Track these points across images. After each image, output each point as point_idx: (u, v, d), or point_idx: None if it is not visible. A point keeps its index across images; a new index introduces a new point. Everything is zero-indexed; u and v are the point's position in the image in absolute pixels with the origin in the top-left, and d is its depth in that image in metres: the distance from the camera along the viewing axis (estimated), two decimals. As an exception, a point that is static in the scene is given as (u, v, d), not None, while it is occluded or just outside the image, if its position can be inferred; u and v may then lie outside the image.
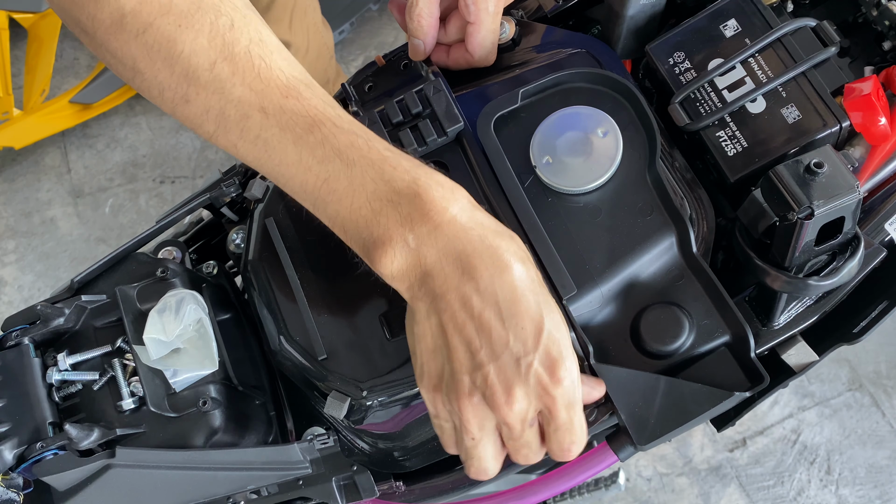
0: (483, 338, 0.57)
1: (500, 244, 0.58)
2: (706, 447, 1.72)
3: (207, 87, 0.60)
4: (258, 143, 0.61)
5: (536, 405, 0.59)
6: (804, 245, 0.63)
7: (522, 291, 0.57)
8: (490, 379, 0.57)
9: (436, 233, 0.58)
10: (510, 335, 0.57)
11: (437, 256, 0.58)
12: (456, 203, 0.59)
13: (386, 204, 0.58)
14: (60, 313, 0.74)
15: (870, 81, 0.69)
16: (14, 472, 0.68)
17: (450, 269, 0.58)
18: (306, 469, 0.74)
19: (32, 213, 2.10)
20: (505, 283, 0.57)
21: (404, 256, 0.58)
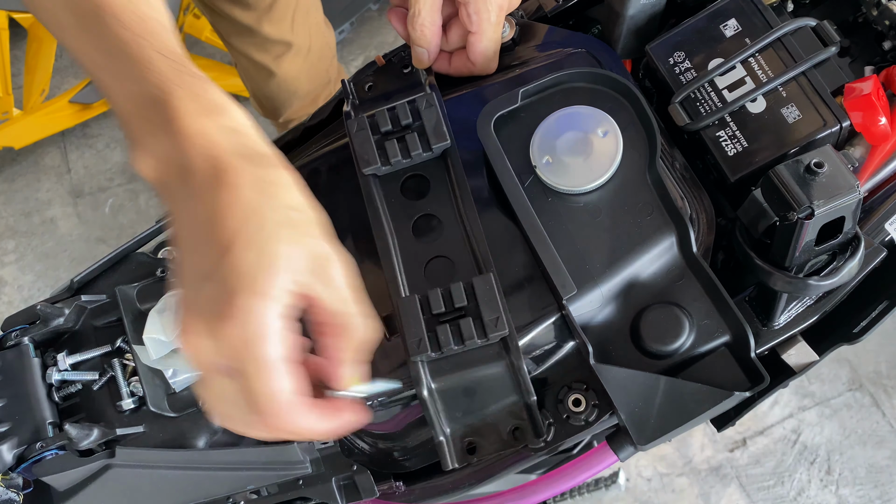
0: (184, 256, 0.53)
1: (237, 166, 0.52)
2: (706, 447, 1.72)
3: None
4: (51, 20, 0.60)
5: (221, 344, 0.50)
6: (804, 245, 0.63)
7: (225, 213, 0.51)
8: (181, 301, 0.52)
9: (173, 145, 0.54)
10: (198, 254, 0.52)
11: (171, 167, 0.54)
12: (209, 118, 0.54)
13: (140, 107, 0.56)
14: (60, 313, 0.74)
15: (870, 81, 0.69)
16: (14, 472, 0.68)
17: (176, 183, 0.54)
18: (306, 469, 0.74)
19: (32, 213, 2.10)
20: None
21: (148, 164, 0.55)
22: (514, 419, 0.67)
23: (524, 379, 0.66)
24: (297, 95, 1.64)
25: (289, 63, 1.56)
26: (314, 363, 0.58)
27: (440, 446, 0.67)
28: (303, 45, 1.55)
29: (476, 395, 0.67)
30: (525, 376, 0.66)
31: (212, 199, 0.52)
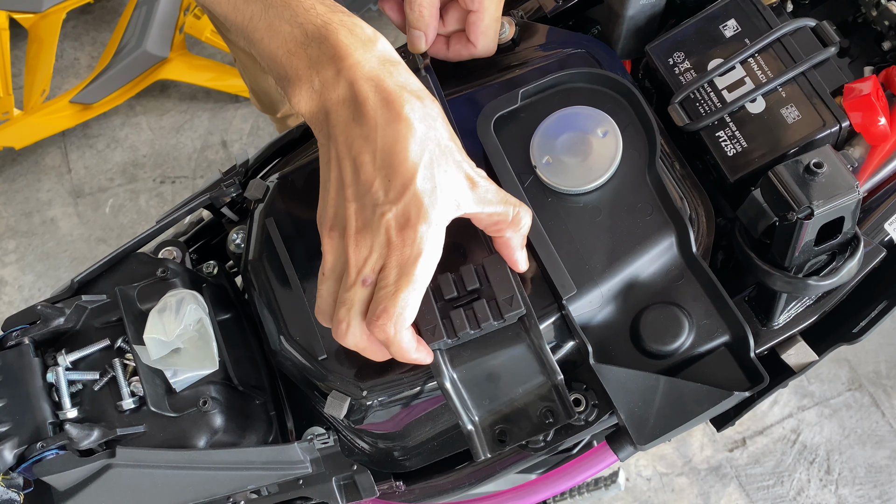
0: (354, 177, 0.59)
1: (403, 98, 0.59)
2: (706, 447, 1.72)
3: None
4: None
5: (378, 260, 0.59)
6: (804, 245, 0.63)
7: (405, 145, 0.58)
8: (348, 215, 0.59)
9: (338, 77, 0.59)
10: (377, 181, 0.58)
11: (337, 100, 0.59)
12: (366, 50, 0.60)
13: (297, 46, 0.60)
14: (61, 313, 0.74)
15: (869, 81, 0.69)
16: (14, 471, 0.68)
17: (344, 113, 0.59)
18: (306, 469, 0.74)
19: (33, 213, 2.10)
20: (389, 133, 0.58)
21: (310, 98, 0.60)
22: (543, 402, 0.66)
23: (548, 358, 0.65)
24: None
25: None
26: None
27: (469, 437, 0.66)
28: None
29: (500, 379, 0.66)
30: (548, 355, 0.65)
31: (392, 130, 0.58)
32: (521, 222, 0.64)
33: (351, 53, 0.59)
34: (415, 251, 0.58)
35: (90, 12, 2.29)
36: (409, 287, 0.58)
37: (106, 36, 2.26)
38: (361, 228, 0.59)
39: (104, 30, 2.28)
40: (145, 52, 1.96)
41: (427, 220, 0.58)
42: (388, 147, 0.58)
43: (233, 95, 2.16)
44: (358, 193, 0.59)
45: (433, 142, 0.59)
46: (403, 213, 0.58)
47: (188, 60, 2.06)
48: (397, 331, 0.59)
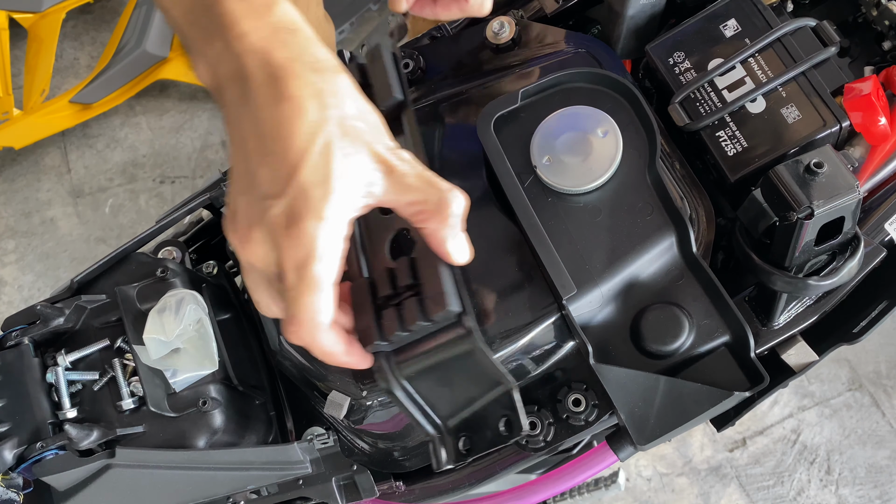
0: (244, 166, 0.52)
1: (293, 72, 0.51)
2: (706, 447, 1.72)
3: None
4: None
5: (273, 262, 0.52)
6: (804, 245, 0.63)
7: (290, 129, 0.50)
8: (238, 210, 0.52)
9: (226, 50, 0.52)
10: (262, 170, 0.51)
11: (226, 76, 0.52)
12: (257, 18, 0.52)
13: (195, 15, 0.53)
14: (60, 313, 0.74)
15: (869, 81, 0.69)
16: (14, 471, 0.68)
17: (233, 91, 0.52)
18: (306, 469, 0.74)
19: (32, 213, 2.10)
20: (273, 115, 0.50)
21: (205, 70, 0.54)
22: (503, 409, 0.61)
23: (491, 362, 0.58)
24: None
25: None
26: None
27: (429, 446, 0.62)
28: None
29: (455, 385, 0.60)
30: (490, 359, 0.58)
31: (275, 112, 0.50)
32: (448, 210, 0.54)
33: (237, 22, 0.51)
34: (306, 252, 0.50)
35: (90, 12, 2.29)
36: (312, 291, 0.51)
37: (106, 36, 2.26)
38: (249, 226, 0.51)
39: (104, 30, 2.28)
40: (145, 52, 1.96)
41: (318, 216, 0.50)
42: (271, 131, 0.50)
43: (233, 95, 2.15)
44: (246, 185, 0.51)
45: (333, 122, 0.51)
46: (290, 208, 0.50)
47: (188, 60, 2.06)
48: (313, 337, 0.52)
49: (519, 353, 0.69)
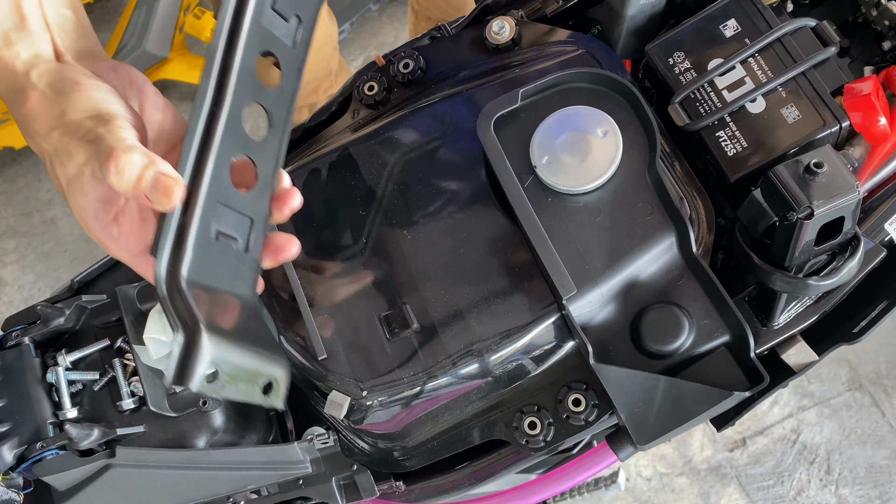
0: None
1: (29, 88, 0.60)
2: (706, 447, 1.72)
3: None
4: None
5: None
6: (804, 245, 0.63)
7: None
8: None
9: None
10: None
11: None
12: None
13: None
14: (60, 313, 0.74)
15: (869, 81, 0.69)
16: (14, 471, 0.68)
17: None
18: (306, 469, 0.74)
19: (33, 213, 2.10)
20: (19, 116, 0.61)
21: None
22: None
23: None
24: None
25: None
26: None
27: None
28: None
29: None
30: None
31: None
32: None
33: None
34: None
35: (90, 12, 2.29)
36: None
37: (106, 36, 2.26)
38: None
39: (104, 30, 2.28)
40: (145, 52, 1.96)
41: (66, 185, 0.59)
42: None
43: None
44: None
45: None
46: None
47: (188, 60, 2.06)
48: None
49: (519, 353, 0.69)
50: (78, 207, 0.58)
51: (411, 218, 0.73)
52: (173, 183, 0.53)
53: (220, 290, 0.56)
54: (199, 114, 0.55)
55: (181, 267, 0.52)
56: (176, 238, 0.53)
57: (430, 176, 0.75)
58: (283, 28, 0.59)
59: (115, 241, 0.60)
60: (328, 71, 1.69)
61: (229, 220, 0.57)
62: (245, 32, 0.55)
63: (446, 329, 0.69)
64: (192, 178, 0.54)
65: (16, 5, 0.61)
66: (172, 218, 0.53)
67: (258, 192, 0.59)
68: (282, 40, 0.59)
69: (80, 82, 0.59)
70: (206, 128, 0.55)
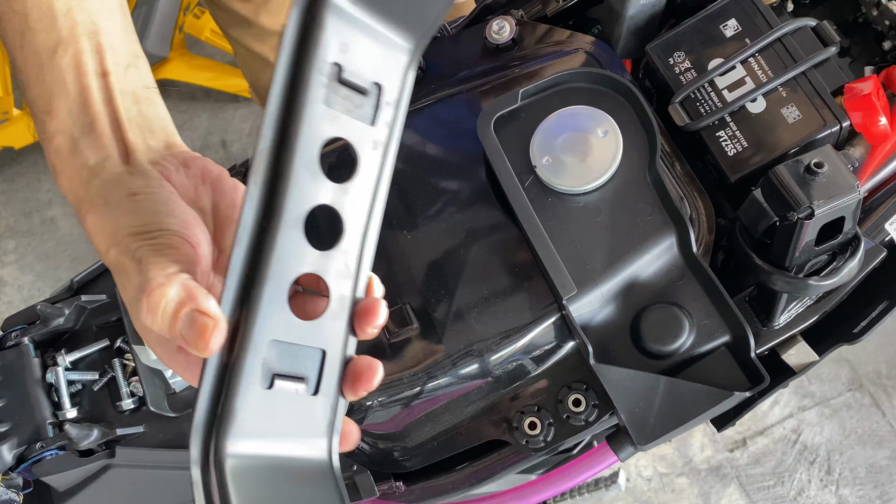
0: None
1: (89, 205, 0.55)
2: (706, 447, 1.72)
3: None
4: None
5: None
6: (804, 245, 0.63)
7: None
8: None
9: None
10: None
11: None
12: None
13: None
14: (60, 313, 0.74)
15: (870, 81, 0.69)
16: (14, 471, 0.68)
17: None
18: (306, 469, 0.74)
19: (32, 213, 2.10)
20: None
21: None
22: None
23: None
24: None
25: None
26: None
27: None
28: None
29: None
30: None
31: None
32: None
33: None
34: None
35: (90, 12, 2.29)
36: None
37: (106, 36, 2.26)
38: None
39: (104, 30, 2.28)
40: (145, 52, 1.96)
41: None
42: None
43: (232, 95, 2.15)
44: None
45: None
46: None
47: (188, 60, 2.06)
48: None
49: (519, 353, 0.69)
50: (142, 331, 0.51)
51: (411, 218, 0.73)
52: (209, 324, 0.43)
53: (280, 459, 0.44)
54: (241, 236, 0.43)
55: (225, 437, 0.42)
56: (213, 395, 0.43)
57: (430, 176, 0.75)
58: (355, 103, 0.44)
59: (185, 370, 0.52)
60: None
61: (291, 357, 0.45)
62: (304, 119, 0.42)
63: (446, 329, 0.69)
64: (239, 312, 0.43)
65: (85, 107, 0.55)
66: (210, 366, 0.43)
67: (332, 313, 0.46)
68: (355, 121, 0.45)
69: (137, 193, 0.52)
70: (253, 248, 0.43)
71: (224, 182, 0.56)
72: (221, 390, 0.43)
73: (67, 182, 0.55)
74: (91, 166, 0.54)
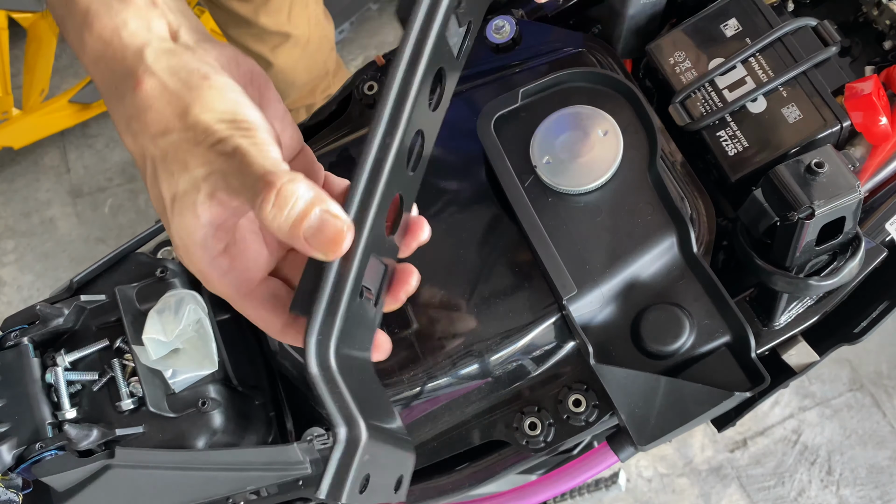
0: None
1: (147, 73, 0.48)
2: (707, 447, 1.72)
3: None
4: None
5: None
6: (805, 245, 0.63)
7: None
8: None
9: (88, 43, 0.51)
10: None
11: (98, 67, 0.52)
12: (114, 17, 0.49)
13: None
14: (60, 313, 0.74)
15: (870, 81, 0.69)
16: (13, 472, 0.68)
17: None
18: (306, 469, 0.74)
19: (32, 213, 2.10)
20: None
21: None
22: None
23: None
24: (294, 86, 1.65)
25: (286, 54, 1.56)
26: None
27: None
28: (301, 37, 1.55)
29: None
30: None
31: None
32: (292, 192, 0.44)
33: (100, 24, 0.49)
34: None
35: (90, 12, 2.29)
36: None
37: (105, 36, 2.26)
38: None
39: (104, 30, 2.28)
40: (145, 52, 1.96)
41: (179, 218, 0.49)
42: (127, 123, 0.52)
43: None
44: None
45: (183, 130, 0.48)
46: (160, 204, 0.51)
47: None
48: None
49: (519, 353, 0.69)
50: (182, 230, 0.47)
51: (411, 218, 0.73)
52: (343, 228, 0.43)
53: (352, 358, 0.47)
54: (371, 143, 0.45)
55: (331, 340, 0.44)
56: (330, 300, 0.44)
57: (429, 176, 0.75)
58: (456, 37, 0.50)
59: (222, 275, 0.50)
60: (325, 71, 1.70)
61: (372, 270, 0.48)
62: (431, 42, 0.46)
63: (446, 329, 0.69)
64: (357, 222, 0.45)
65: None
66: (330, 273, 0.44)
67: (399, 231, 0.51)
68: (452, 51, 0.50)
69: (210, 76, 0.47)
70: (376, 160, 0.46)
71: (270, 91, 0.53)
72: (335, 299, 0.44)
73: (102, 47, 0.48)
74: (133, 31, 0.48)
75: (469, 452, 0.74)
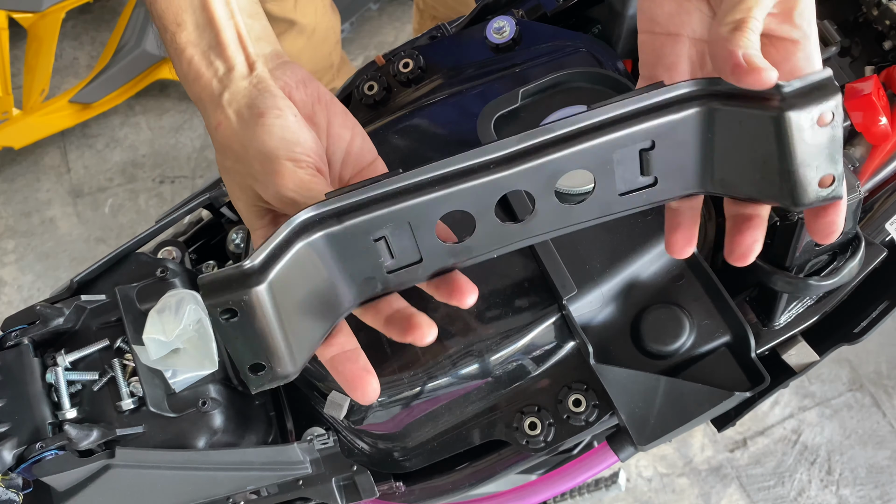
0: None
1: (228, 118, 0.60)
2: (707, 447, 1.72)
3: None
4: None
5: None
6: (805, 245, 0.63)
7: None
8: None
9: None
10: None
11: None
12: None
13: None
14: (60, 313, 0.74)
15: (870, 81, 0.69)
16: (14, 472, 0.68)
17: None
18: (306, 469, 0.74)
19: (32, 213, 2.10)
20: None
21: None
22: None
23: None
24: None
25: (290, 42, 1.56)
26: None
27: None
28: (306, 25, 1.55)
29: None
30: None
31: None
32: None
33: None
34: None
35: (89, 12, 2.29)
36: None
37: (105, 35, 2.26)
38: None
39: (103, 29, 2.28)
40: (144, 52, 1.96)
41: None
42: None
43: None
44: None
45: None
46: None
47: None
48: None
49: (519, 353, 0.69)
50: (249, 198, 0.59)
51: (411, 218, 0.73)
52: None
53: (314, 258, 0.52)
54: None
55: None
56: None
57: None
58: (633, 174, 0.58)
59: (267, 229, 0.60)
60: (330, 64, 1.69)
61: (404, 238, 0.54)
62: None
63: (446, 329, 0.69)
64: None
65: (210, 22, 0.59)
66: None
67: (449, 249, 0.56)
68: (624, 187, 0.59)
69: (265, 113, 0.57)
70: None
71: (336, 105, 0.62)
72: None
73: (199, 90, 0.60)
74: (220, 77, 0.59)
75: (469, 452, 0.74)
